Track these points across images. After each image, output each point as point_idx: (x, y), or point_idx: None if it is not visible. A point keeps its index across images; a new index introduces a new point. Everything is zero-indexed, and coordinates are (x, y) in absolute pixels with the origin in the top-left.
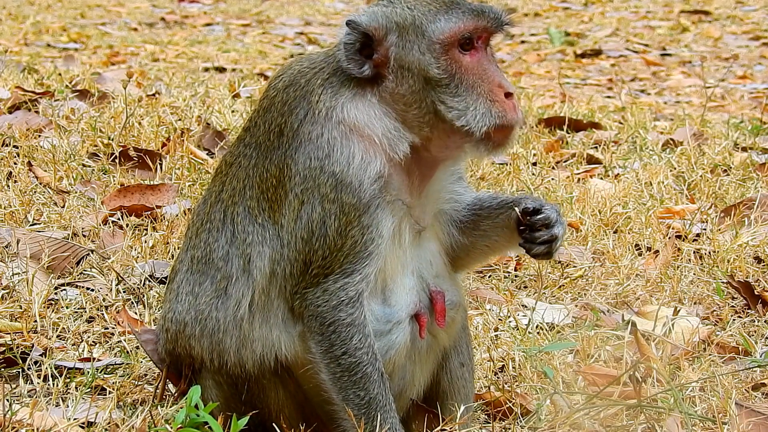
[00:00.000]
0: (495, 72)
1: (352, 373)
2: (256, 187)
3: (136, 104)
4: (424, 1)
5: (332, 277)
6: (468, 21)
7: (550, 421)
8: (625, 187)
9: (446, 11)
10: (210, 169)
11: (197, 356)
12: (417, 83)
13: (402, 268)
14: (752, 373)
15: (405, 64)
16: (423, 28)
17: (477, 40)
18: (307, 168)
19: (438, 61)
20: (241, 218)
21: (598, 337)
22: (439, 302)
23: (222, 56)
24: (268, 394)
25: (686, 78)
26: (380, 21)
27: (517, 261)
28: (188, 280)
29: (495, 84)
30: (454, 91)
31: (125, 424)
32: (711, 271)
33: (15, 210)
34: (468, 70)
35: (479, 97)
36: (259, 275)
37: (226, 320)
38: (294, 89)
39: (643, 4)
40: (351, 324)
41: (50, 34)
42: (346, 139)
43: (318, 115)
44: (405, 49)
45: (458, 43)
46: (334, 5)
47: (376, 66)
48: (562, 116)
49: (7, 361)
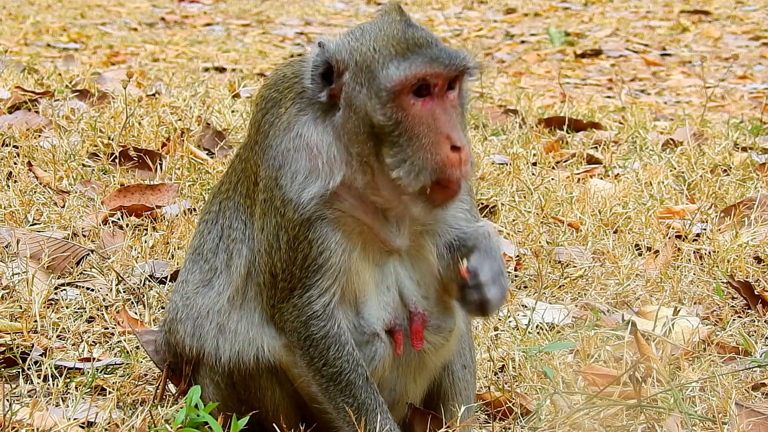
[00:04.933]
0: (446, 122)
1: (336, 382)
2: (244, 181)
3: (136, 104)
4: (389, 43)
5: (297, 292)
6: (419, 68)
7: (550, 421)
8: (625, 187)
9: (401, 57)
10: (210, 169)
11: (180, 340)
12: (362, 125)
13: (375, 284)
14: (752, 373)
15: (353, 103)
16: (374, 73)
17: (433, 87)
18: (266, 176)
19: (384, 108)
20: (231, 212)
21: (598, 337)
22: (416, 323)
23: (222, 56)
24: (264, 393)
25: (686, 78)
26: (343, 55)
27: (517, 261)
28: (186, 267)
29: (442, 135)
30: (396, 140)
31: (125, 424)
32: (711, 271)
33: (15, 210)
34: (415, 118)
35: (420, 149)
36: (236, 274)
37: (206, 307)
38: (273, 91)
39: (643, 4)
40: (325, 336)
41: (50, 34)
42: (297, 152)
43: (280, 125)
44: (355, 90)
45: (409, 91)
46: (334, 5)
47: (331, 96)
48: (562, 116)
49: (7, 361)
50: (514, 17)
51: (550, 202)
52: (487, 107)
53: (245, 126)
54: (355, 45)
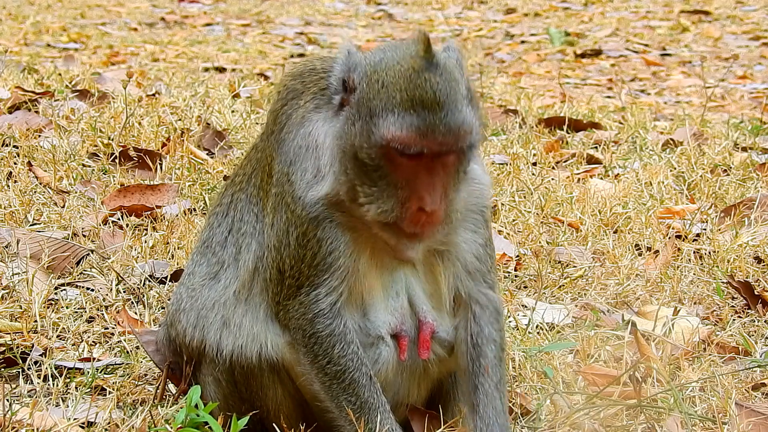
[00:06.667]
0: (426, 183)
1: (339, 380)
2: (259, 172)
3: (136, 104)
4: (398, 85)
5: (304, 290)
6: (411, 135)
7: (550, 421)
8: (625, 187)
9: (402, 111)
10: (210, 169)
11: (182, 331)
12: (348, 148)
13: (383, 288)
14: (752, 373)
15: (349, 126)
16: (373, 112)
17: (423, 152)
18: (279, 171)
19: (370, 149)
20: (243, 204)
21: (598, 337)
22: (424, 332)
23: (222, 56)
24: (266, 392)
25: (686, 78)
26: (356, 74)
27: (517, 261)
28: (193, 259)
29: (415, 195)
30: (372, 178)
31: (125, 424)
32: (711, 271)
33: (15, 210)
34: (397, 170)
35: (391, 197)
36: (244, 269)
37: (212, 299)
38: (297, 82)
39: (643, 4)
40: (330, 334)
41: (50, 34)
42: (307, 150)
43: (296, 118)
44: (353, 116)
45: (398, 148)
46: (334, 5)
47: (341, 103)
48: (562, 116)
49: (7, 361)
50: (514, 17)
51: (550, 202)
52: (487, 107)
53: (245, 126)
54: (369, 70)
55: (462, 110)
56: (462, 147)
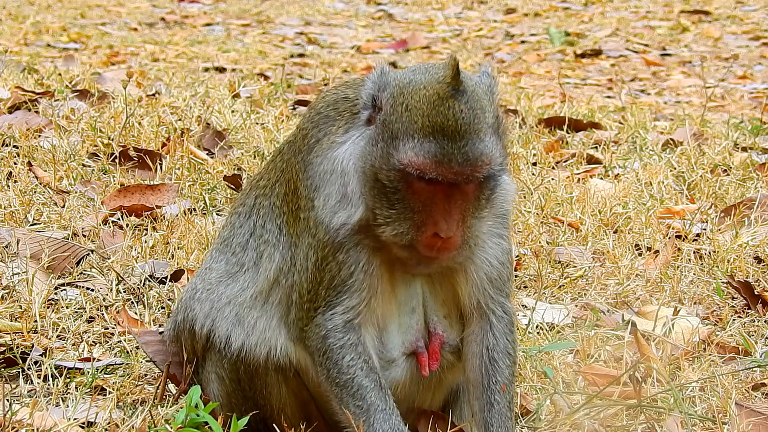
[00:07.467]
0: (443, 210)
1: (348, 388)
2: (283, 184)
3: (136, 104)
4: (421, 109)
5: (320, 311)
6: (428, 163)
7: (550, 421)
8: (625, 187)
9: (423, 138)
10: (210, 169)
11: (192, 319)
12: (369, 169)
13: (398, 307)
14: (752, 373)
15: (371, 146)
16: (394, 135)
17: (439, 179)
18: (305, 196)
19: (389, 172)
20: (265, 212)
21: (598, 337)
22: (434, 344)
23: (222, 56)
24: (270, 391)
25: (686, 78)
26: (386, 97)
27: (517, 261)
28: (212, 255)
29: (431, 220)
30: (390, 200)
31: (125, 424)
32: (711, 271)
33: (15, 210)
34: (415, 195)
35: (407, 220)
36: (264, 277)
37: (227, 296)
38: (331, 110)
39: (643, 4)
40: (342, 346)
41: (50, 34)
42: (332, 175)
43: (325, 142)
44: (377, 135)
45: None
46: (334, 5)
47: (368, 120)
48: (562, 116)
49: (7, 361)
50: (514, 17)
51: (550, 202)
52: None
53: (245, 126)
54: (396, 92)
55: (484, 140)
56: (479, 177)
